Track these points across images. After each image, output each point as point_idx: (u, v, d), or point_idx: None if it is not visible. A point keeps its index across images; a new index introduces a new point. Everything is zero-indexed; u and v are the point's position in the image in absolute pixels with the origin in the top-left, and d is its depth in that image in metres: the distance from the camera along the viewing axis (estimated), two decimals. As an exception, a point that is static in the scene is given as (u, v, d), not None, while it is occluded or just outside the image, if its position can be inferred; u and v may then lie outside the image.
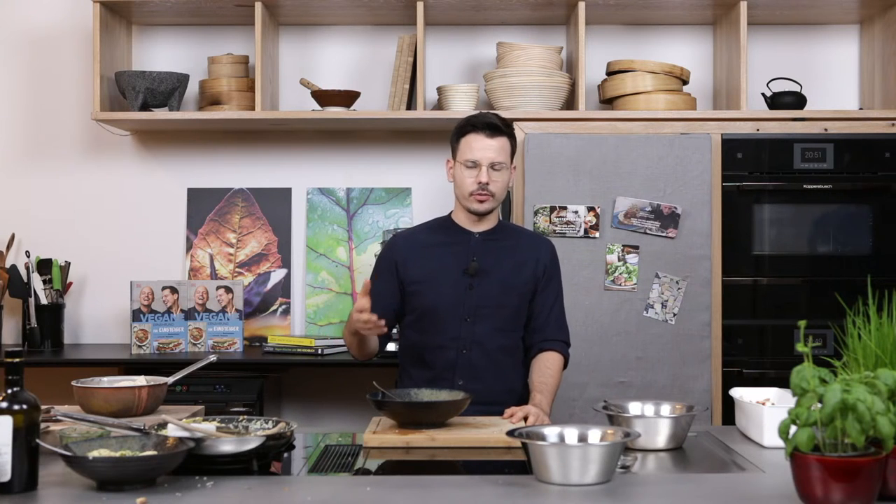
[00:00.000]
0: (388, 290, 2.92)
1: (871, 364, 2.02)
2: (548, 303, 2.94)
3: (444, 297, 2.88)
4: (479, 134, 2.86)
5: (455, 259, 2.91)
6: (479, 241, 2.93)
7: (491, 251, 2.92)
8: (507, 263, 2.92)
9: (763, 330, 3.81)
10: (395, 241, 3.01)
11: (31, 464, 1.95)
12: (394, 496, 1.96)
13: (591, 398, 3.58)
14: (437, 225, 3.02)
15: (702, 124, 3.85)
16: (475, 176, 2.84)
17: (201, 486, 2.00)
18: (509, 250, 2.93)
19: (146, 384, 2.60)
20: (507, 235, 2.98)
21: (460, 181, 2.88)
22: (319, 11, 4.18)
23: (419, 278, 2.91)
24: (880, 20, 4.17)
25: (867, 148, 3.82)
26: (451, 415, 2.55)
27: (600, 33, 4.32)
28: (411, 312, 2.94)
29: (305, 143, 4.39)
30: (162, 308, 4.10)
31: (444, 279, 2.89)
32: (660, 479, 2.16)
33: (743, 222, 3.82)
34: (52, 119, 4.39)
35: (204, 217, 4.36)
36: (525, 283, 2.92)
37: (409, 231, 3.08)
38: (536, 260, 2.95)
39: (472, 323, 2.88)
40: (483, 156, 2.84)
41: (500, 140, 2.87)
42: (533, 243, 3.00)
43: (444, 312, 2.88)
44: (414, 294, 2.92)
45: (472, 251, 2.91)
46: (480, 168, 2.84)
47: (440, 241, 2.95)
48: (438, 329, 2.89)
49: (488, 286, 2.89)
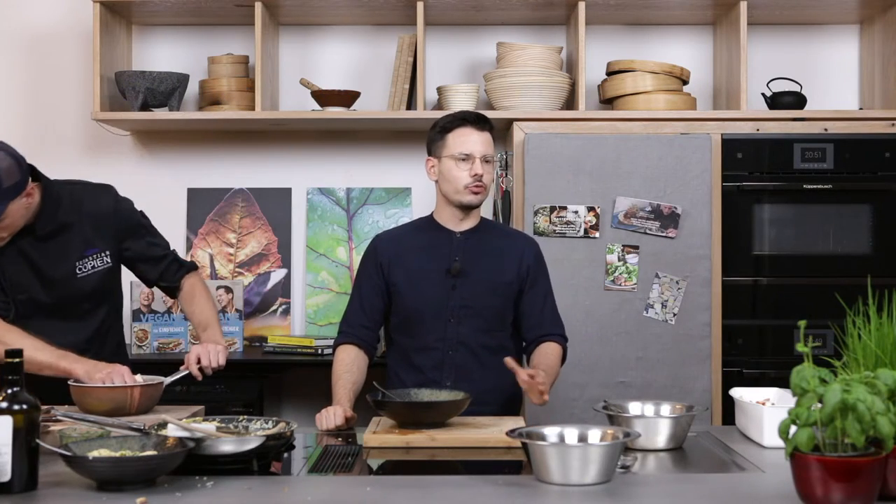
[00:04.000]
0: (375, 293, 2.92)
1: (871, 364, 2.02)
2: (538, 300, 2.94)
3: (427, 299, 2.88)
4: (470, 127, 2.87)
5: (437, 260, 2.90)
6: (462, 240, 2.92)
7: (473, 250, 2.91)
8: (490, 263, 2.91)
9: (763, 330, 3.81)
10: (378, 242, 2.99)
11: (31, 464, 1.95)
12: (394, 496, 1.96)
13: (591, 398, 3.58)
14: (420, 225, 3.01)
15: (702, 124, 3.85)
16: (469, 169, 2.84)
17: (201, 486, 2.00)
18: (492, 249, 2.92)
19: (139, 383, 2.60)
20: (490, 234, 2.96)
21: (452, 176, 2.87)
22: (319, 11, 4.18)
23: (403, 280, 2.90)
24: (880, 20, 4.17)
25: (867, 148, 3.82)
26: (451, 415, 2.55)
27: (600, 33, 4.32)
28: (396, 314, 2.94)
29: (305, 143, 4.39)
30: (162, 308, 4.10)
31: (427, 281, 2.89)
32: (660, 479, 2.16)
33: (743, 222, 3.82)
34: (52, 119, 4.39)
35: (204, 217, 4.36)
36: (509, 283, 2.91)
37: (392, 232, 3.06)
38: (520, 259, 2.93)
39: (457, 323, 2.87)
40: (475, 148, 2.85)
41: (487, 134, 2.89)
42: (516, 243, 2.98)
43: (428, 314, 2.88)
44: (398, 296, 2.91)
45: (455, 251, 2.91)
46: (475, 160, 2.84)
47: (422, 242, 2.94)
48: (424, 330, 2.89)
49: (471, 286, 2.88)
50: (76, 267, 2.86)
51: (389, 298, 2.93)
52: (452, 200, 2.90)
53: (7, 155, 2.65)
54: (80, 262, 2.86)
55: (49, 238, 2.83)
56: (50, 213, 2.82)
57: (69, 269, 2.85)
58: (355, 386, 2.81)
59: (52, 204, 2.82)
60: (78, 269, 2.86)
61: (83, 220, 2.87)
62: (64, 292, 2.85)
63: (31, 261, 2.82)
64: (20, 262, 2.82)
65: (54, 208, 2.82)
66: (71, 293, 2.86)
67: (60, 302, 2.85)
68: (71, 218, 2.85)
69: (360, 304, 2.93)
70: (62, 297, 2.86)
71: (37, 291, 2.84)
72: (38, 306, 2.84)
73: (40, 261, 2.83)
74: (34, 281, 2.83)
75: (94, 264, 2.88)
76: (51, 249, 2.84)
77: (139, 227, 2.98)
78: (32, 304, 2.84)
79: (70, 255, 2.85)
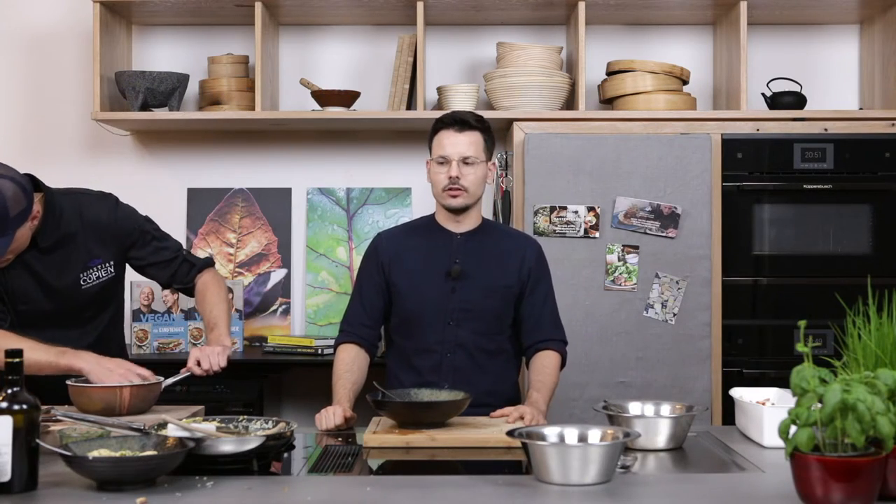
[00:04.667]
0: (376, 292, 2.92)
1: (871, 364, 2.02)
2: (538, 303, 2.92)
3: (427, 301, 2.87)
4: (448, 130, 2.87)
5: (437, 262, 2.89)
6: (461, 241, 2.91)
7: (474, 253, 2.90)
8: (491, 265, 2.89)
9: (763, 330, 3.81)
10: (379, 241, 2.98)
11: (31, 464, 1.95)
12: (394, 496, 1.96)
13: (591, 398, 3.58)
14: (420, 225, 3.01)
15: (702, 124, 3.85)
16: (446, 171, 2.85)
17: (201, 486, 2.00)
18: (493, 252, 2.91)
19: (130, 384, 2.59)
20: (491, 236, 2.95)
21: (433, 180, 2.89)
22: (319, 11, 4.18)
23: (403, 281, 2.90)
24: (880, 20, 4.17)
25: (867, 148, 3.82)
26: (451, 415, 2.55)
27: (600, 33, 4.32)
28: (396, 315, 2.93)
29: (305, 143, 4.39)
30: (162, 308, 4.10)
31: (426, 283, 2.88)
32: (660, 479, 2.16)
33: (743, 222, 3.82)
34: (52, 119, 4.39)
35: (204, 217, 4.36)
36: (509, 286, 2.89)
37: (393, 231, 3.05)
38: (521, 261, 2.91)
39: (456, 326, 2.87)
40: (452, 151, 2.84)
41: (470, 135, 2.86)
42: (518, 244, 2.96)
43: (427, 316, 2.87)
44: (398, 297, 2.91)
45: (454, 253, 2.90)
46: (451, 163, 2.84)
47: (422, 242, 2.93)
48: (422, 332, 2.88)
49: (471, 289, 2.87)
50: (80, 278, 2.84)
51: (390, 298, 2.93)
52: (438, 203, 2.91)
53: (11, 182, 2.59)
54: (84, 274, 2.85)
55: (52, 250, 2.81)
56: (52, 226, 2.80)
57: (73, 280, 2.84)
58: (355, 385, 2.81)
59: (54, 216, 2.80)
60: (82, 280, 2.85)
61: (85, 230, 2.85)
62: (68, 303, 2.84)
63: (35, 273, 2.81)
64: (25, 275, 2.80)
65: (56, 220, 2.80)
66: (74, 303, 2.85)
67: (63, 311, 2.84)
68: (73, 228, 2.83)
69: (361, 303, 2.93)
70: (66, 307, 2.84)
71: (40, 302, 2.82)
72: (40, 315, 2.83)
73: (44, 273, 2.81)
74: (38, 292, 2.82)
75: (98, 275, 2.87)
76: (55, 261, 2.82)
77: (142, 233, 2.94)
78: (35, 313, 2.83)
79: (74, 266, 2.83)
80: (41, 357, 2.63)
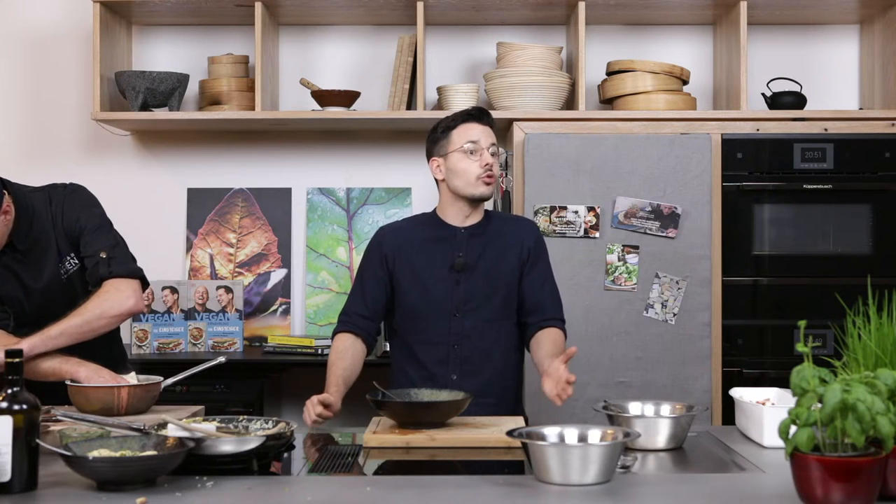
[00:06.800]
0: (378, 285, 2.92)
1: (871, 364, 2.02)
2: (538, 282, 2.93)
3: (431, 295, 2.88)
4: (474, 122, 2.91)
5: (442, 255, 2.90)
6: (466, 236, 2.92)
7: (477, 245, 2.91)
8: (493, 254, 2.91)
9: (763, 330, 3.81)
10: (382, 235, 2.98)
11: (31, 464, 1.95)
12: (394, 496, 1.96)
13: (591, 398, 3.57)
14: (424, 220, 3.00)
15: (702, 124, 3.85)
16: (479, 160, 2.86)
17: (201, 486, 2.00)
18: (494, 241, 2.93)
19: (126, 384, 2.59)
20: (493, 226, 2.96)
21: (462, 170, 2.87)
22: (319, 11, 4.18)
23: (407, 276, 2.90)
24: (880, 20, 4.17)
25: (867, 148, 3.82)
26: (452, 415, 2.55)
27: (600, 33, 4.32)
28: (400, 310, 2.93)
29: (305, 143, 4.39)
30: (162, 308, 4.10)
31: (431, 277, 2.89)
32: (660, 479, 2.16)
33: (743, 222, 3.82)
34: (52, 119, 4.40)
35: (204, 217, 4.36)
36: (511, 271, 2.91)
37: (396, 225, 3.04)
38: (521, 244, 2.93)
39: (462, 318, 2.87)
40: (482, 138, 2.88)
41: (489, 128, 2.92)
42: (516, 228, 2.98)
43: (432, 310, 2.88)
44: (401, 292, 2.91)
45: (459, 247, 2.91)
46: (483, 151, 2.86)
47: (427, 237, 2.94)
48: (428, 326, 2.88)
49: (475, 281, 2.88)
50: (59, 270, 2.85)
51: (392, 291, 2.93)
52: (464, 195, 2.88)
53: None
54: (61, 266, 2.85)
55: (29, 251, 2.82)
56: (25, 226, 2.79)
57: (54, 275, 2.84)
58: (346, 372, 2.79)
59: (26, 215, 2.80)
60: (62, 271, 2.85)
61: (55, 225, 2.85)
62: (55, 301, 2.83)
63: (16, 275, 2.81)
64: (9, 277, 2.81)
65: (28, 219, 2.80)
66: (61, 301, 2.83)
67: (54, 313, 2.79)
68: (45, 226, 2.83)
69: (363, 295, 2.92)
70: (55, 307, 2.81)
71: (31, 304, 2.83)
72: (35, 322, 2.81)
73: (25, 274, 2.82)
74: (22, 294, 2.82)
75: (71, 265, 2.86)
76: (32, 261, 2.82)
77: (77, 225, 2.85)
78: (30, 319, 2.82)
79: (50, 260, 2.83)
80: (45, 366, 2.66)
